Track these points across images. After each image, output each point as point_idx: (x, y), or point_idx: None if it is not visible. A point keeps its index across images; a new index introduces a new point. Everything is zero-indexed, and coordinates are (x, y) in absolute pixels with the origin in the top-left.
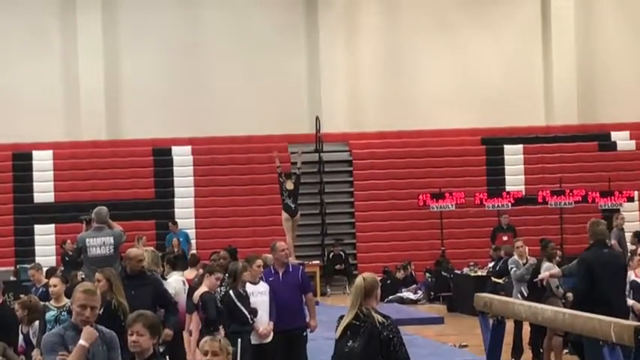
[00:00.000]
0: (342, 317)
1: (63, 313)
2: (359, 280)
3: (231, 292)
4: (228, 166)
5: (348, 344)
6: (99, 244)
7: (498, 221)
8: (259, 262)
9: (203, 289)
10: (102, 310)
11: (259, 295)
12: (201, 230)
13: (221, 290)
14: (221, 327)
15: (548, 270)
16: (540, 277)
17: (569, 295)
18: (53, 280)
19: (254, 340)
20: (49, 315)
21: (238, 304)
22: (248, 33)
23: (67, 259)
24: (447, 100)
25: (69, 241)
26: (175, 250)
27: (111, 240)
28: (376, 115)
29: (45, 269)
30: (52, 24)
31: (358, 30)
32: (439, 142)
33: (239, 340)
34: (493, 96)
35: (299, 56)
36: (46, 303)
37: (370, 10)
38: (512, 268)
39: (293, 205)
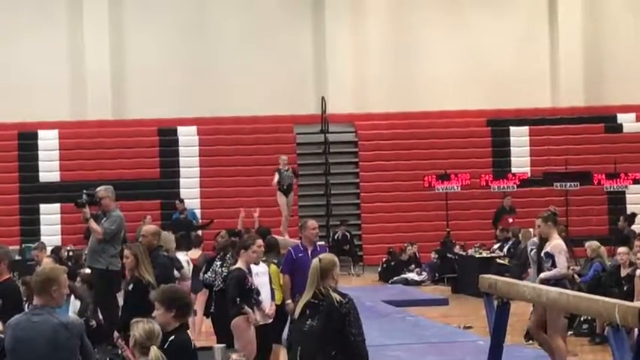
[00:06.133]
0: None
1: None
2: (315, 261)
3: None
4: (234, 146)
5: (307, 322)
6: None
7: (502, 203)
8: (259, 242)
9: (237, 265)
10: (131, 287)
11: (261, 275)
12: (207, 210)
13: (222, 270)
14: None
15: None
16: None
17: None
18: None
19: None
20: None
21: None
22: (254, 12)
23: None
24: (453, 82)
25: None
26: None
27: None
28: (382, 96)
29: (49, 248)
30: (58, 4)
31: (364, 10)
32: (445, 123)
33: None
34: (499, 77)
35: (305, 36)
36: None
37: None
38: (532, 249)
39: (285, 186)
